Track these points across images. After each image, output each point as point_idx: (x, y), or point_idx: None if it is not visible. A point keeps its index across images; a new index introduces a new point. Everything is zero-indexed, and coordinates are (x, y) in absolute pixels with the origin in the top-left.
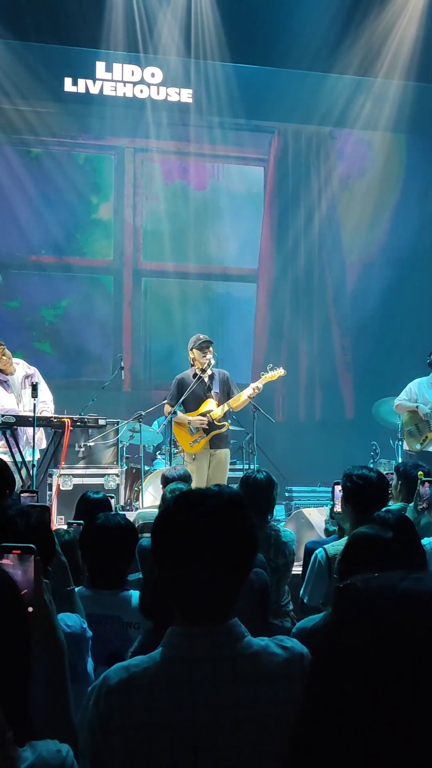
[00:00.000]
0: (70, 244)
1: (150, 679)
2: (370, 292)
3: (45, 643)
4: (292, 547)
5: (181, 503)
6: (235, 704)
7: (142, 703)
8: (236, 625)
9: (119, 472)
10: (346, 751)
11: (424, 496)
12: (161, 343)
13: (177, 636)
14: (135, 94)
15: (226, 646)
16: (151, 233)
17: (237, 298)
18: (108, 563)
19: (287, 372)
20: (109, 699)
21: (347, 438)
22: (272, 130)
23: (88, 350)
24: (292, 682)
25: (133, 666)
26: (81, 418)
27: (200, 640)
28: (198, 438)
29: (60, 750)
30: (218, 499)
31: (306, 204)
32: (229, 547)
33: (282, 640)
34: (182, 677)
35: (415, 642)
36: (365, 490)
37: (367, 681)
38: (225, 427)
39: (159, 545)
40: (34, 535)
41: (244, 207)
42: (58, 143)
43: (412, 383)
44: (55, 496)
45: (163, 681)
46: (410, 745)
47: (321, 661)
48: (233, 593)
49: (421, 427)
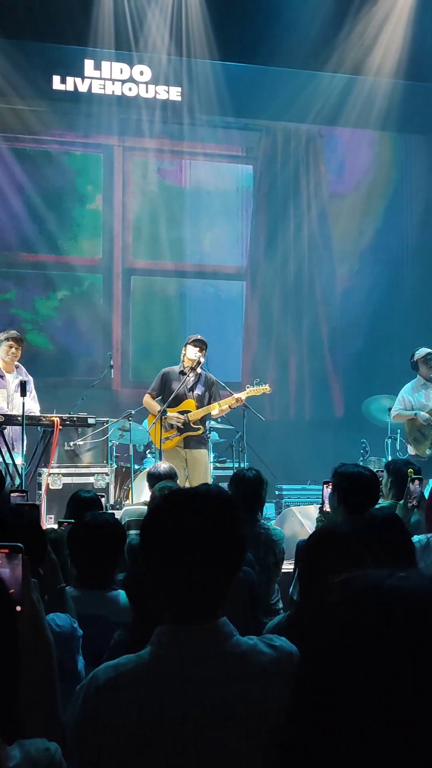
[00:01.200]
0: (58, 242)
1: (138, 678)
2: (359, 290)
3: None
4: (282, 546)
5: (170, 502)
6: (225, 703)
7: (130, 702)
8: (225, 624)
9: (109, 471)
10: (336, 749)
11: (414, 494)
12: (151, 342)
13: (165, 635)
14: (124, 92)
15: (215, 646)
16: (140, 231)
17: (226, 296)
18: (96, 562)
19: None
20: (98, 698)
21: (337, 436)
22: (261, 128)
23: (77, 349)
24: (282, 681)
25: (122, 665)
26: (70, 417)
27: (189, 639)
28: (171, 435)
29: (48, 748)
30: (207, 498)
31: (295, 202)
32: (218, 546)
33: (271, 639)
34: (171, 676)
35: (400, 639)
36: (359, 488)
37: (354, 678)
38: (200, 431)
39: (148, 544)
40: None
41: (234, 205)
42: (46, 141)
43: (403, 391)
44: (45, 495)
45: (152, 680)
46: (398, 742)
47: (310, 660)
48: (222, 593)
49: (425, 431)
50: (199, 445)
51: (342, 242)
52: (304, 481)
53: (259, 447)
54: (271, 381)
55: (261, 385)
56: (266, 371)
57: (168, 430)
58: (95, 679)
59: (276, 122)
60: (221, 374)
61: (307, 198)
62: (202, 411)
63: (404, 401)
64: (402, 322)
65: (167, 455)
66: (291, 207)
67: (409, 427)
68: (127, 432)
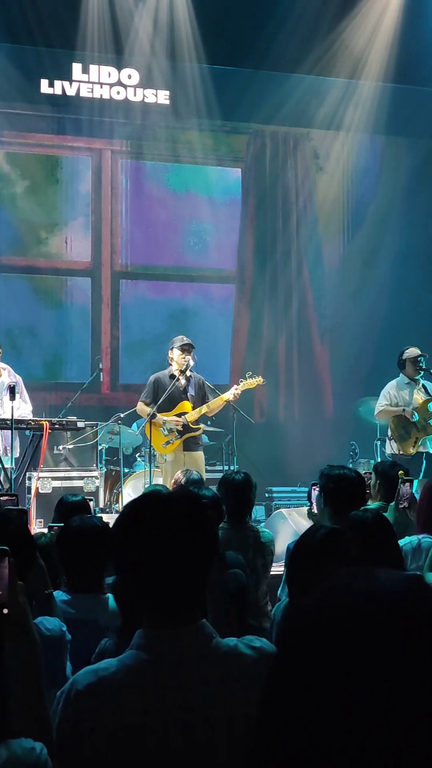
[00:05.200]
0: (47, 247)
1: (119, 683)
2: (348, 293)
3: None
4: (271, 548)
5: (137, 506)
6: (206, 705)
7: (111, 706)
8: (204, 627)
9: (98, 475)
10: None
11: (405, 496)
12: (140, 345)
13: (144, 638)
14: (112, 95)
15: (195, 648)
16: (129, 235)
17: (215, 299)
18: (84, 566)
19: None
20: (78, 703)
21: (326, 438)
22: (249, 131)
23: (67, 352)
24: (262, 683)
25: (102, 669)
26: (59, 420)
27: (168, 643)
28: (172, 439)
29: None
30: (172, 499)
31: (284, 205)
32: (187, 548)
33: (251, 640)
34: (151, 680)
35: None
36: (344, 489)
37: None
38: (200, 431)
39: (116, 549)
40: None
41: (222, 208)
42: (34, 145)
43: (388, 387)
44: (34, 499)
45: (132, 684)
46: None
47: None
48: (197, 594)
49: (409, 429)
50: (197, 447)
51: (331, 245)
52: (293, 483)
53: (249, 449)
54: (261, 383)
55: (254, 378)
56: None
57: (167, 435)
58: (75, 684)
59: (264, 126)
60: (210, 377)
61: (296, 201)
62: (198, 411)
63: (389, 396)
64: (391, 324)
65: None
66: (280, 210)
67: (395, 424)
68: (117, 435)
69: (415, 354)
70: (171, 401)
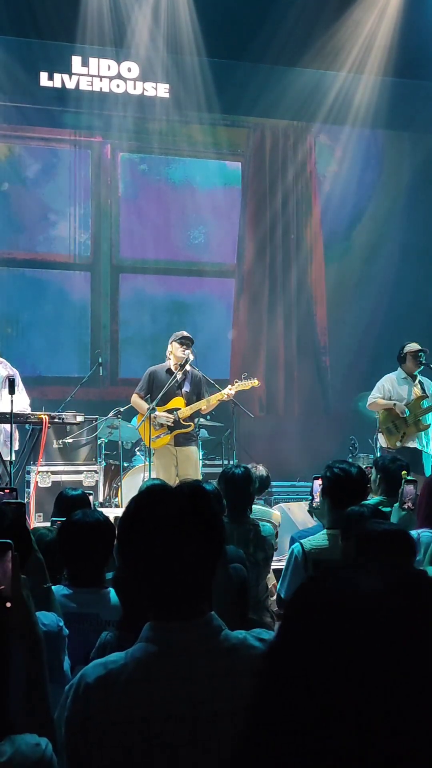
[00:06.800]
0: (46, 240)
1: (128, 676)
2: (349, 287)
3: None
4: (271, 542)
5: (143, 500)
6: (214, 698)
7: (120, 699)
8: (213, 619)
9: (98, 469)
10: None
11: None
12: (140, 340)
13: (153, 631)
14: (112, 88)
15: (203, 641)
16: (129, 229)
17: (215, 293)
18: (85, 560)
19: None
20: (87, 696)
21: (326, 433)
22: (250, 125)
23: (66, 346)
24: None
25: (111, 662)
26: (59, 414)
27: (177, 635)
28: (161, 434)
29: (39, 744)
30: (179, 492)
31: (284, 199)
32: (193, 540)
33: (260, 633)
34: (160, 673)
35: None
36: (345, 484)
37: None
38: (190, 428)
39: (124, 543)
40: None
41: (222, 202)
42: (33, 138)
43: (384, 380)
44: (34, 493)
45: (141, 677)
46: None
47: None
48: (204, 587)
49: (398, 424)
50: (189, 442)
51: (332, 239)
52: (293, 477)
53: (249, 444)
54: (261, 378)
55: (249, 380)
56: (255, 368)
57: (158, 429)
58: (84, 677)
59: (265, 119)
60: (210, 371)
61: (296, 195)
62: (191, 408)
63: (383, 389)
64: (391, 319)
65: (158, 453)
66: (280, 204)
67: (384, 417)
68: (116, 430)
69: (415, 349)
70: (164, 396)
